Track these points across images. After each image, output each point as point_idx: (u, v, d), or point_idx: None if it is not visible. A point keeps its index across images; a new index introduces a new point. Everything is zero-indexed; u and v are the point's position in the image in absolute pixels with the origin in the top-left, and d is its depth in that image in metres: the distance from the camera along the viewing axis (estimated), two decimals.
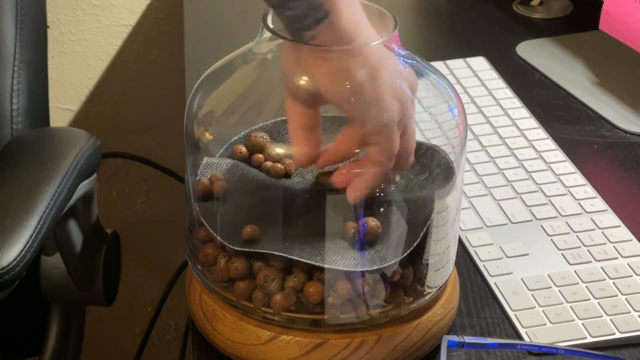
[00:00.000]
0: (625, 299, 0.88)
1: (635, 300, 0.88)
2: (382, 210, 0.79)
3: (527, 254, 0.94)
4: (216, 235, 0.80)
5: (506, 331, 0.86)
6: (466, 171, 1.04)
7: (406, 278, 0.80)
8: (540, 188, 1.03)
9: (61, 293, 1.13)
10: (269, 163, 0.81)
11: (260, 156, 0.82)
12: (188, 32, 1.35)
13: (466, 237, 0.96)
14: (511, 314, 0.87)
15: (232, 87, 0.83)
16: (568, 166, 1.06)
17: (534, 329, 0.85)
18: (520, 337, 0.85)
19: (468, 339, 0.80)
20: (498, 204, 1.00)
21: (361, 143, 0.75)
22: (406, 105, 0.75)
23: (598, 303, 0.88)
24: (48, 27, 1.25)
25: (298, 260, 0.77)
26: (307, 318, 0.79)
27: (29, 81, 1.18)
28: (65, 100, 1.65)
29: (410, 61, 0.80)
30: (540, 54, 1.29)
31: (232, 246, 0.79)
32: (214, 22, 1.39)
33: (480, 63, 1.26)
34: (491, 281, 0.91)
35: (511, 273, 0.92)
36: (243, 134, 0.83)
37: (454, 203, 0.82)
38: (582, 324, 0.86)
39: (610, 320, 0.86)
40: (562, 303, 0.88)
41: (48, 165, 1.02)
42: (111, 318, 1.72)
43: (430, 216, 0.80)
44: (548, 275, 0.91)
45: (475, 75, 1.23)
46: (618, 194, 1.03)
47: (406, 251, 0.79)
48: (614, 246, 0.95)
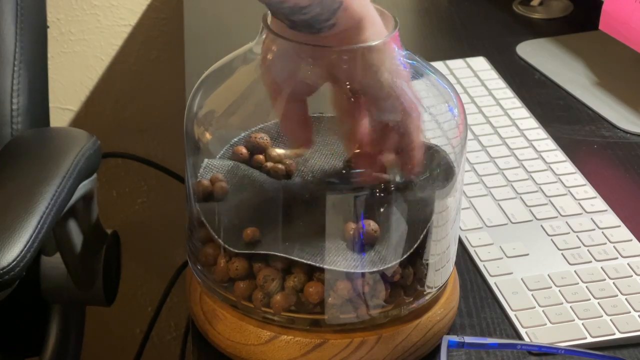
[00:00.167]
0: (625, 299, 0.88)
1: (635, 300, 0.88)
2: (382, 210, 0.79)
3: (527, 254, 0.94)
4: (217, 237, 0.80)
5: (506, 331, 0.86)
6: (466, 171, 1.04)
7: (406, 278, 0.80)
8: (540, 188, 1.03)
9: (61, 293, 1.13)
10: (270, 164, 0.81)
11: (260, 157, 0.82)
12: (188, 32, 1.35)
13: (466, 237, 0.96)
14: (511, 314, 0.87)
15: (232, 87, 0.83)
16: (568, 166, 1.06)
17: (534, 329, 0.85)
18: (520, 337, 0.85)
19: (468, 339, 0.79)
20: (498, 204, 1.00)
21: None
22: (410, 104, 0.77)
23: (598, 303, 0.88)
24: (48, 27, 1.25)
25: (298, 260, 0.77)
26: (307, 318, 0.79)
27: (29, 81, 1.18)
28: (65, 100, 1.65)
29: (410, 61, 0.80)
30: (540, 54, 1.29)
31: (233, 249, 0.79)
32: (214, 22, 1.39)
33: (480, 63, 1.26)
34: (491, 281, 0.91)
35: (511, 273, 0.92)
36: (243, 135, 0.83)
37: (454, 203, 0.82)
38: (582, 324, 0.86)
39: (610, 320, 0.86)
40: (562, 303, 0.88)
41: (48, 165, 1.02)
42: (111, 318, 1.72)
43: (430, 216, 0.80)
44: (548, 275, 0.91)
45: (475, 75, 1.23)
46: (618, 194, 1.03)
47: (406, 251, 0.79)
48: (614, 246, 0.95)
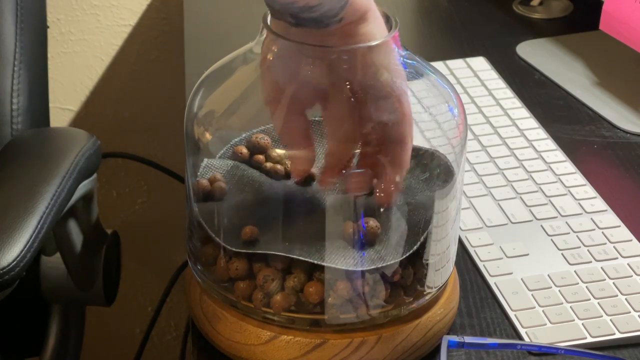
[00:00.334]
0: (625, 299, 0.88)
1: (635, 300, 0.88)
2: (382, 210, 0.79)
3: (527, 254, 0.94)
4: (215, 237, 0.80)
5: (506, 331, 0.86)
6: (466, 171, 1.04)
7: (406, 278, 0.80)
8: (540, 188, 1.03)
9: (61, 293, 1.13)
10: (270, 164, 0.81)
11: (261, 157, 0.82)
12: (188, 32, 1.35)
13: (466, 237, 0.96)
14: (511, 314, 0.87)
15: (232, 87, 0.83)
16: (568, 166, 1.06)
17: (534, 329, 0.85)
18: (520, 337, 0.85)
19: (468, 339, 0.80)
20: (498, 204, 1.00)
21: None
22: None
23: (598, 303, 0.88)
24: (48, 27, 1.25)
25: (298, 259, 0.77)
26: (307, 318, 0.79)
27: (29, 81, 1.18)
28: (65, 100, 1.65)
29: (410, 61, 0.80)
30: (540, 54, 1.29)
31: (232, 247, 0.79)
32: (214, 22, 1.39)
33: (480, 63, 1.26)
34: (491, 281, 0.91)
35: (511, 273, 0.92)
36: (244, 136, 0.83)
37: (454, 203, 0.82)
38: (582, 324, 0.86)
39: (610, 320, 0.86)
40: (562, 303, 0.88)
41: (48, 165, 1.02)
42: (111, 318, 1.72)
43: (430, 216, 0.80)
44: (548, 275, 0.91)
45: (475, 75, 1.23)
46: (618, 194, 1.03)
47: (406, 251, 0.79)
48: (614, 246, 0.95)
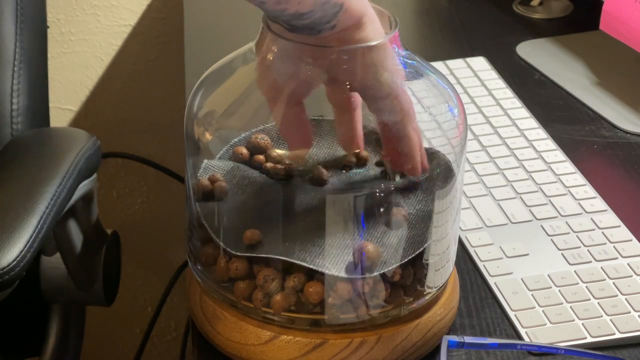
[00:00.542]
0: (625, 299, 0.88)
1: (635, 300, 0.88)
2: (382, 210, 0.79)
3: (527, 254, 0.94)
4: (216, 237, 0.80)
5: (506, 331, 0.86)
6: (466, 171, 1.04)
7: (406, 278, 0.80)
8: (540, 188, 1.03)
9: (61, 293, 1.13)
10: (270, 164, 0.81)
11: (261, 157, 0.81)
12: (188, 32, 1.35)
13: (466, 237, 0.96)
14: (511, 314, 0.87)
15: (232, 87, 0.83)
16: (568, 166, 1.06)
17: (534, 329, 0.85)
18: (520, 337, 0.85)
19: (468, 339, 0.79)
20: (498, 204, 1.00)
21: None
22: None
23: (598, 303, 0.88)
24: (48, 27, 1.25)
25: (300, 264, 0.77)
26: (307, 318, 0.79)
27: (29, 81, 1.18)
28: (65, 100, 1.65)
29: (410, 61, 0.80)
30: (540, 54, 1.29)
31: (234, 251, 0.79)
32: (214, 22, 1.39)
33: (480, 63, 1.26)
34: (491, 281, 0.91)
35: (511, 273, 0.92)
36: (243, 136, 0.83)
37: (454, 203, 0.82)
38: (582, 324, 0.86)
39: (610, 320, 0.86)
40: (562, 303, 0.88)
41: (48, 165, 1.02)
42: (111, 318, 1.72)
43: (430, 216, 0.80)
44: (548, 275, 0.91)
45: (475, 75, 1.23)
46: (618, 194, 1.03)
47: (407, 253, 0.79)
48: (614, 246, 0.95)
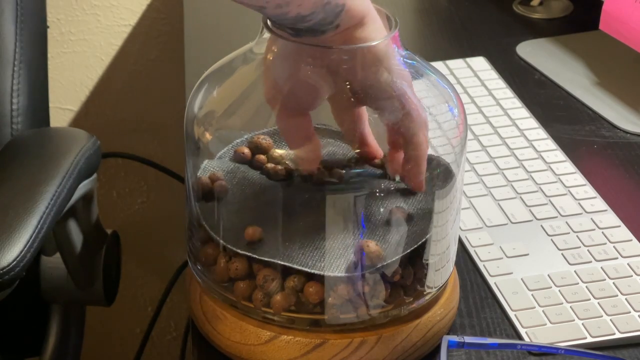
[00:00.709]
0: (625, 299, 0.88)
1: (635, 300, 0.88)
2: (382, 210, 0.79)
3: (527, 254, 0.94)
4: (217, 237, 0.80)
5: (506, 331, 0.86)
6: (466, 171, 1.04)
7: (406, 278, 0.80)
8: (540, 188, 1.03)
9: (61, 293, 1.13)
10: (271, 165, 0.81)
11: (262, 157, 0.81)
12: (188, 32, 1.35)
13: (466, 237, 0.96)
14: (511, 314, 0.87)
15: (232, 87, 0.83)
16: (568, 166, 1.06)
17: (534, 329, 0.85)
18: (520, 337, 0.85)
19: (468, 339, 0.80)
20: (498, 204, 1.00)
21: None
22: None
23: (598, 303, 0.88)
24: (48, 27, 1.25)
25: (298, 260, 0.77)
26: (307, 318, 0.79)
27: (29, 81, 1.18)
28: (65, 100, 1.65)
29: (410, 61, 0.80)
30: (540, 54, 1.29)
31: (235, 248, 0.79)
32: (214, 22, 1.39)
33: (480, 63, 1.26)
34: (491, 281, 0.91)
35: (511, 273, 0.92)
36: (246, 138, 0.83)
37: (454, 203, 0.82)
38: (582, 324, 0.86)
39: (610, 320, 0.86)
40: (562, 303, 0.88)
41: (48, 165, 1.02)
42: (111, 318, 1.72)
43: (430, 216, 0.80)
44: (548, 275, 0.91)
45: (475, 75, 1.23)
46: (618, 194, 1.03)
47: (407, 252, 0.79)
48: (614, 246, 0.95)
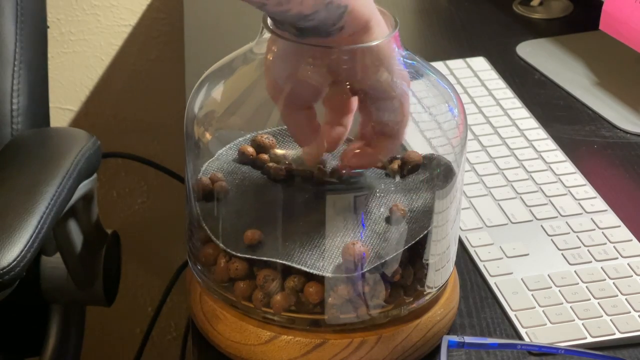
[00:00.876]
0: (625, 299, 0.88)
1: (635, 300, 0.88)
2: (382, 210, 0.79)
3: (527, 254, 0.94)
4: (216, 238, 0.80)
5: (506, 331, 0.86)
6: (466, 171, 1.04)
7: (406, 278, 0.80)
8: (540, 188, 1.03)
9: (61, 293, 1.13)
10: (272, 164, 0.81)
11: (265, 156, 0.81)
12: (188, 32, 1.35)
13: (466, 237, 0.96)
14: (511, 314, 0.87)
15: (233, 87, 0.83)
16: (568, 166, 1.06)
17: (534, 329, 0.85)
18: (520, 337, 0.85)
19: (468, 339, 0.80)
20: (498, 204, 1.00)
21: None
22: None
23: (598, 303, 0.88)
24: (48, 27, 1.25)
25: (298, 260, 0.77)
26: (307, 318, 0.79)
27: (29, 81, 1.18)
28: (65, 100, 1.65)
29: (410, 61, 0.80)
30: (540, 54, 1.29)
31: (234, 252, 0.79)
32: (214, 22, 1.39)
33: (480, 63, 1.26)
34: (491, 281, 0.91)
35: (511, 273, 0.92)
36: (248, 137, 0.83)
37: (454, 203, 0.82)
38: (582, 324, 0.86)
39: (610, 320, 0.86)
40: (562, 303, 0.88)
41: (48, 165, 1.02)
42: (111, 318, 1.72)
43: (430, 216, 0.80)
44: (548, 275, 0.91)
45: (475, 75, 1.23)
46: (618, 194, 1.03)
47: (406, 252, 0.79)
48: (614, 246, 0.95)
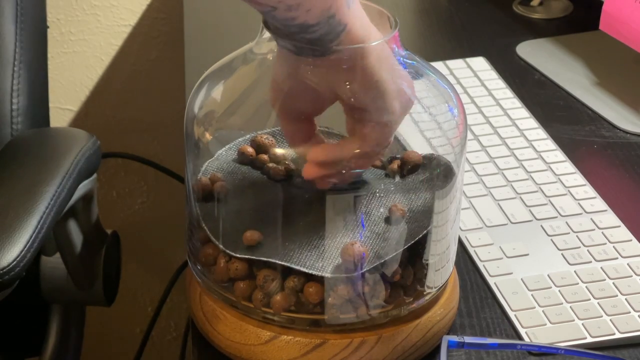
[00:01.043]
0: (625, 299, 0.88)
1: (635, 300, 0.88)
2: (382, 210, 0.79)
3: (527, 254, 0.94)
4: (216, 238, 0.80)
5: (506, 331, 0.86)
6: (466, 171, 1.04)
7: (406, 278, 0.80)
8: (540, 188, 1.03)
9: (61, 293, 1.13)
10: (272, 164, 0.81)
11: (264, 157, 0.82)
12: (188, 32, 1.35)
13: (466, 237, 0.96)
14: (511, 314, 0.87)
15: (232, 87, 0.83)
16: (568, 166, 1.06)
17: (534, 329, 0.85)
18: (520, 337, 0.85)
19: (468, 339, 0.80)
20: (498, 204, 1.00)
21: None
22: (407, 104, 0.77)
23: (598, 303, 0.88)
24: (48, 27, 1.25)
25: (298, 260, 0.77)
26: (307, 318, 0.79)
27: (29, 81, 1.18)
28: (65, 100, 1.65)
29: (410, 61, 0.80)
30: (540, 54, 1.29)
31: (233, 252, 0.79)
32: (214, 22, 1.39)
33: (480, 63, 1.26)
34: (491, 281, 0.91)
35: (511, 273, 0.92)
36: (248, 137, 0.83)
37: (454, 203, 0.82)
38: (582, 324, 0.86)
39: (610, 320, 0.86)
40: (562, 303, 0.88)
41: (48, 165, 1.02)
42: (111, 318, 1.72)
43: (430, 216, 0.80)
44: (548, 275, 0.91)
45: (475, 75, 1.23)
46: (618, 194, 1.03)
47: (406, 252, 0.79)
48: (614, 246, 0.95)
